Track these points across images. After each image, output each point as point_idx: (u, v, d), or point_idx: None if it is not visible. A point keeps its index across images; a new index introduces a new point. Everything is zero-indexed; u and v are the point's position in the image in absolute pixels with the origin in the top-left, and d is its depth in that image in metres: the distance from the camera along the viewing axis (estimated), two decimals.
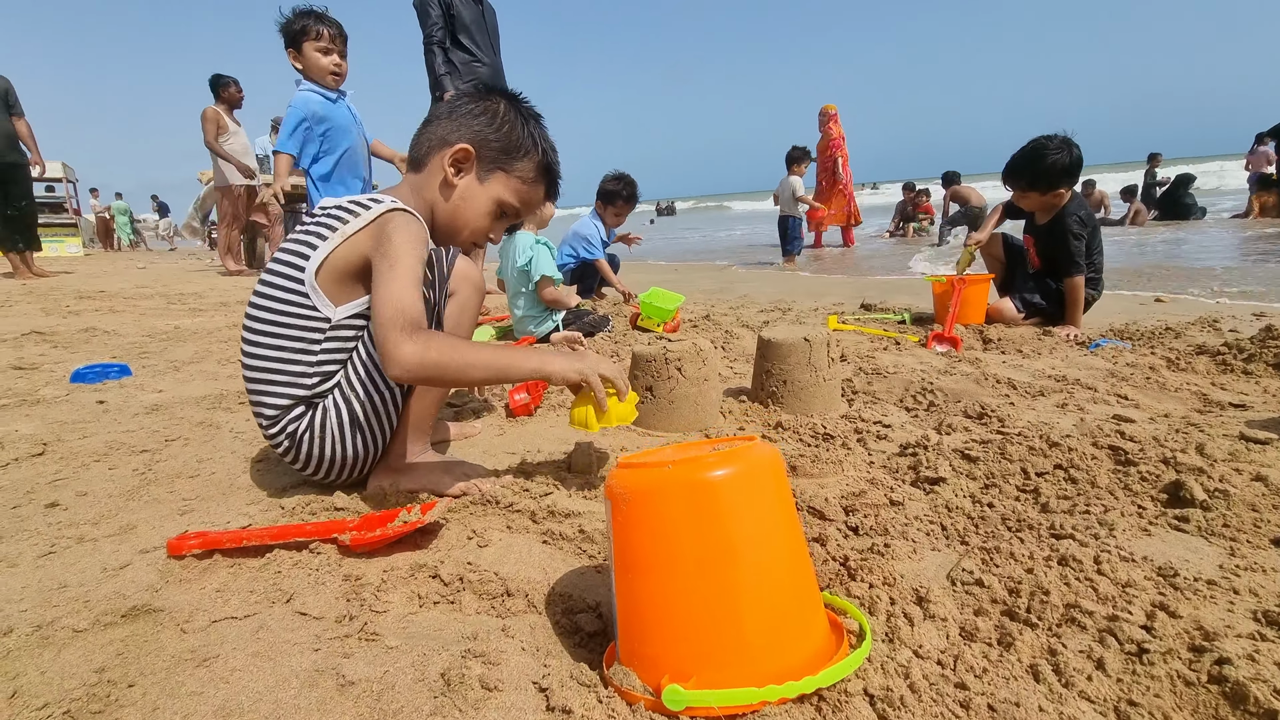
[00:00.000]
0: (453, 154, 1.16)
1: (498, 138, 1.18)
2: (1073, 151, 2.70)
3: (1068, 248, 2.74)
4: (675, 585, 0.67)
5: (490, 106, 1.19)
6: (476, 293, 1.31)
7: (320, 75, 2.86)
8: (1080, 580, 0.86)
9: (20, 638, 0.79)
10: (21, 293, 5.11)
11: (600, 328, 2.87)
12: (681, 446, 0.84)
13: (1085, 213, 2.81)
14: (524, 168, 1.21)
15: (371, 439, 1.17)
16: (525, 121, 1.21)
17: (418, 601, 0.88)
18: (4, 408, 1.84)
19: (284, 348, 1.12)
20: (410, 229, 1.09)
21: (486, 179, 1.20)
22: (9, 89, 5.83)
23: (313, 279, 1.10)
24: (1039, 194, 2.79)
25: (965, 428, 1.55)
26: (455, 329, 1.26)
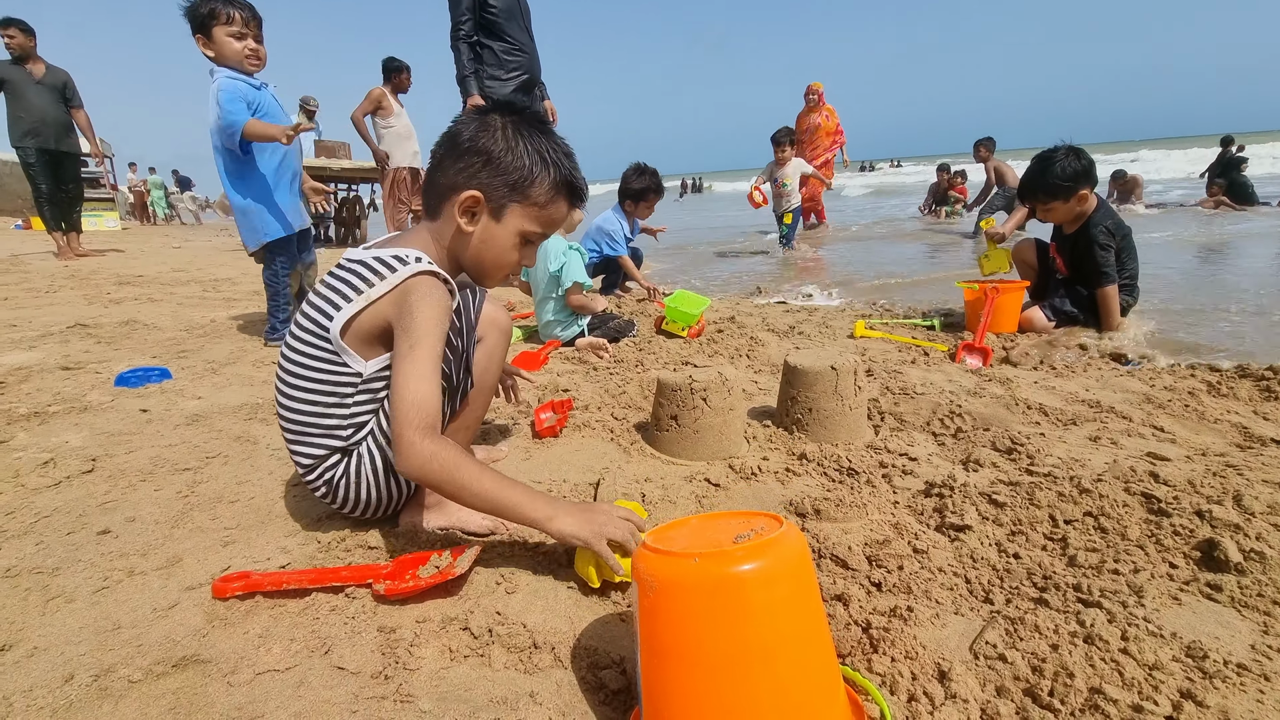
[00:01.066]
0: (461, 204, 1.15)
1: (503, 172, 1.14)
2: (1080, 155, 2.69)
3: (1094, 258, 2.71)
4: (698, 676, 0.69)
5: (489, 140, 1.14)
6: (504, 337, 1.31)
7: (236, 61, 2.65)
8: (1105, 661, 0.85)
9: (81, 687, 0.84)
10: (65, 275, 5.27)
11: (625, 333, 2.87)
12: (707, 521, 0.85)
13: (1113, 222, 2.76)
14: (538, 193, 1.18)
15: (405, 481, 1.20)
16: (528, 140, 1.16)
17: (449, 656, 0.91)
18: (55, 415, 1.92)
19: (317, 402, 1.15)
20: (433, 300, 1.08)
21: (503, 216, 1.18)
22: (68, 82, 6.10)
23: (339, 339, 1.12)
24: (1062, 203, 2.76)
25: (993, 463, 1.53)
26: (483, 375, 1.26)
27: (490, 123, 1.15)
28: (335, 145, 8.63)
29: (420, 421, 1.00)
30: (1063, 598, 1.02)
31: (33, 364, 2.49)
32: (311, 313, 1.15)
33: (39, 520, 1.30)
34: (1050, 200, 2.77)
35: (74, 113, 6.19)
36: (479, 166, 1.14)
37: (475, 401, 1.28)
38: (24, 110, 5.86)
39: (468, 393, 1.25)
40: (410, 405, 1.00)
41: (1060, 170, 2.69)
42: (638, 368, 2.43)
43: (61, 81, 6.06)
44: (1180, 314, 3.18)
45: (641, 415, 1.90)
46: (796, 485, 1.46)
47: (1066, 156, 2.71)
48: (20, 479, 1.49)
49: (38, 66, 5.91)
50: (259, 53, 2.73)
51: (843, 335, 3.09)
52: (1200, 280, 4.18)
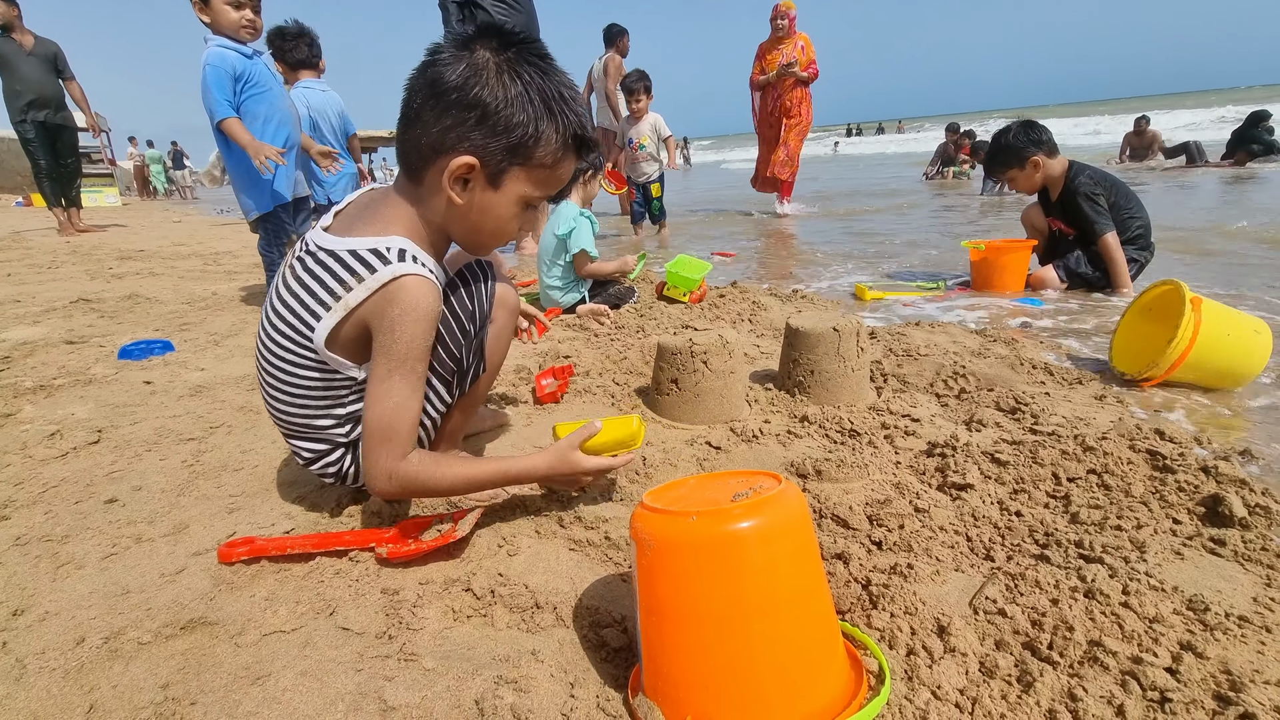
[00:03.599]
0: (453, 172, 0.96)
1: (502, 132, 0.94)
2: (1031, 128, 2.92)
3: (1084, 210, 2.75)
4: (696, 634, 0.69)
5: (482, 89, 0.93)
6: (512, 316, 1.25)
7: (232, 30, 2.60)
8: (1106, 615, 0.85)
9: (92, 649, 0.86)
10: (67, 251, 5.27)
11: (626, 300, 2.85)
12: (705, 481, 0.84)
13: (1090, 173, 2.83)
14: (544, 154, 0.99)
15: None
16: (529, 84, 0.94)
17: (452, 616, 0.92)
18: (60, 388, 1.93)
19: (311, 406, 1.09)
20: (419, 312, 0.97)
21: (501, 183, 0.99)
22: (58, 53, 6.00)
23: (325, 350, 1.02)
24: (1018, 170, 2.94)
25: (996, 423, 1.52)
26: (492, 355, 1.23)
27: (479, 62, 0.94)
28: None
29: (391, 451, 0.98)
30: (1064, 554, 1.02)
31: (37, 339, 2.49)
32: (286, 315, 1.03)
33: (47, 490, 1.32)
34: (1005, 169, 2.99)
35: (67, 84, 6.10)
36: (471, 124, 0.94)
37: (482, 382, 1.25)
38: (19, 83, 5.77)
39: (479, 376, 1.22)
40: (381, 431, 0.98)
41: (1011, 140, 2.93)
42: (639, 333, 2.42)
43: (52, 53, 5.96)
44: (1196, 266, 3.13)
45: (642, 380, 1.89)
46: (798, 447, 1.45)
47: (1017, 129, 2.95)
48: (28, 450, 1.50)
49: (26, 38, 5.80)
50: (255, 24, 2.68)
51: (846, 298, 3.06)
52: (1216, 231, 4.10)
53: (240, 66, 2.64)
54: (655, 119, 5.41)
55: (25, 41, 5.79)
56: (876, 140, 31.00)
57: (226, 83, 2.60)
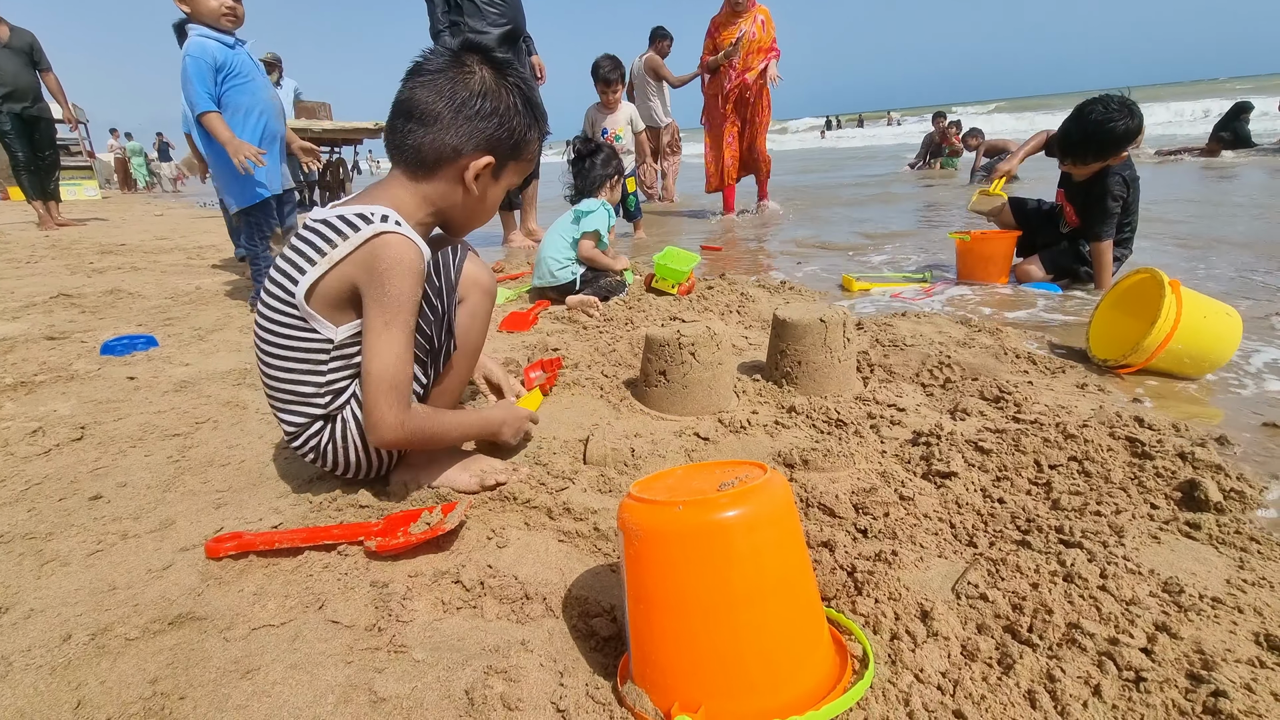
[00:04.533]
0: (478, 170, 1.13)
1: (508, 134, 1.15)
2: (1134, 114, 2.54)
3: (1103, 207, 2.63)
4: (683, 622, 0.70)
5: (494, 101, 1.12)
6: (487, 297, 1.23)
7: (212, 18, 2.53)
8: (1084, 598, 0.87)
9: (79, 645, 0.86)
10: (46, 245, 5.18)
11: (616, 292, 2.85)
12: (692, 471, 0.85)
13: (1130, 173, 2.67)
14: (529, 150, 1.21)
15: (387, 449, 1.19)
16: (516, 92, 1.15)
17: (441, 608, 0.93)
18: (41, 384, 1.91)
19: (294, 369, 1.13)
20: (404, 267, 1.05)
21: (501, 174, 1.20)
22: (34, 44, 5.89)
23: (305, 305, 1.08)
24: (1104, 162, 2.63)
25: (981, 411, 1.54)
26: (466, 336, 1.20)
27: (485, 78, 1.12)
28: (316, 105, 8.39)
29: (396, 397, 1.05)
30: (1045, 539, 1.04)
31: (17, 335, 2.46)
32: (279, 278, 1.10)
33: (30, 487, 1.31)
34: (1099, 160, 2.62)
35: (44, 76, 6.00)
36: (491, 130, 1.13)
37: (459, 365, 1.24)
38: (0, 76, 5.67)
39: (450, 355, 1.21)
40: (385, 381, 1.04)
41: (1123, 132, 2.54)
42: (627, 325, 2.42)
43: (28, 44, 5.85)
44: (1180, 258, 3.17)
45: (631, 373, 1.90)
46: (785, 437, 1.47)
47: (1123, 115, 2.52)
48: (9, 448, 1.48)
49: (1, 29, 5.69)
50: (236, 11, 2.62)
51: (834, 289, 3.08)
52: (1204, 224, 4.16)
53: (221, 57, 2.58)
54: (631, 110, 5.24)
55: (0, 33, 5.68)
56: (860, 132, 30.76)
57: (207, 74, 2.55)
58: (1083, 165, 2.69)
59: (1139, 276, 1.83)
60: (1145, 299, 1.80)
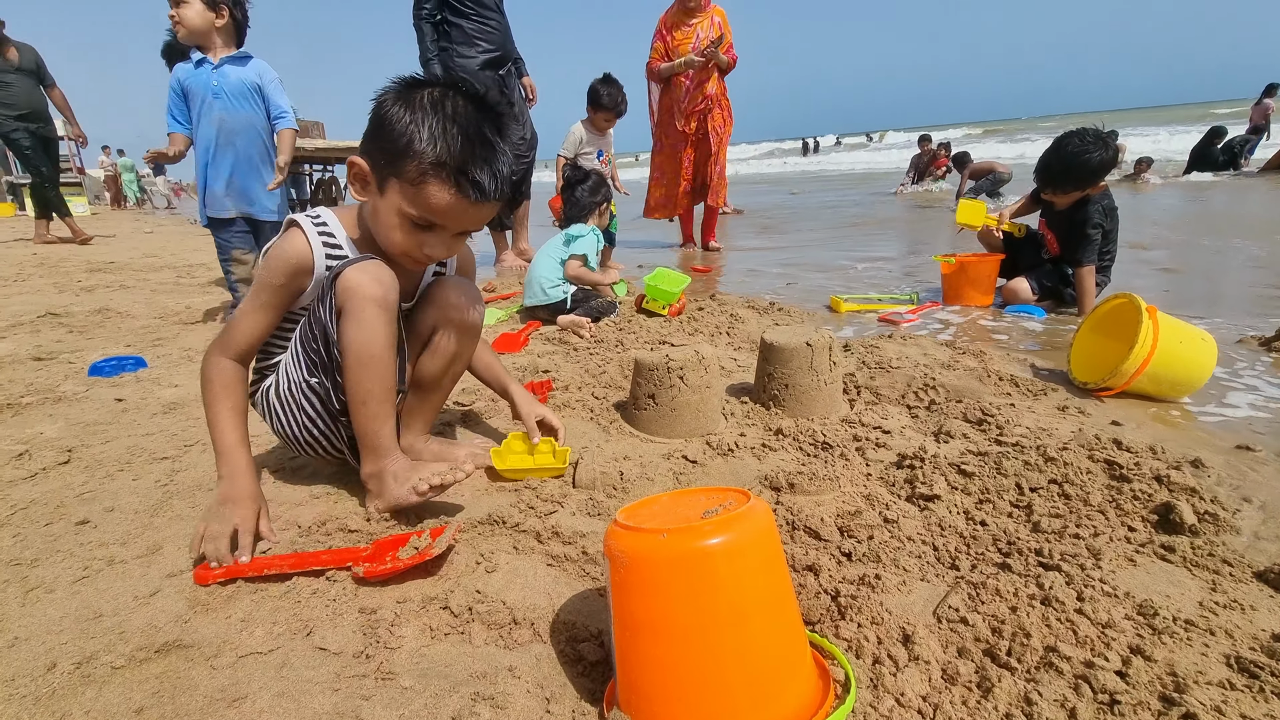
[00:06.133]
0: (349, 167, 1.17)
1: (384, 140, 1.09)
2: (1109, 146, 2.65)
3: (1085, 234, 2.72)
4: (667, 647, 0.71)
5: (389, 106, 1.09)
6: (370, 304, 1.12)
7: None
8: (1061, 621, 0.89)
9: (64, 675, 0.85)
10: (34, 264, 5.15)
11: (607, 313, 2.87)
12: (678, 498, 0.87)
13: (1109, 202, 2.78)
14: (409, 168, 1.08)
15: (291, 419, 1.29)
16: (418, 112, 1.07)
17: (429, 634, 0.93)
18: (28, 406, 1.90)
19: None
20: (278, 254, 1.19)
21: (384, 189, 1.13)
22: (39, 60, 5.90)
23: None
24: (1081, 192, 2.74)
25: (964, 434, 1.57)
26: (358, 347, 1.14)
27: (408, 93, 1.10)
28: (309, 125, 8.42)
29: (220, 341, 1.21)
30: (1024, 562, 1.06)
31: (3, 355, 2.45)
32: None
33: (15, 512, 1.30)
34: (1077, 189, 2.73)
35: (50, 92, 6.00)
36: (370, 133, 1.13)
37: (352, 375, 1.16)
38: (9, 99, 5.67)
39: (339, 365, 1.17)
40: (225, 329, 1.22)
41: (1099, 163, 2.65)
42: (618, 347, 2.44)
43: (35, 62, 5.86)
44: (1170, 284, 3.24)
45: (621, 394, 1.91)
46: (772, 460, 1.49)
47: (1098, 147, 2.64)
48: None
49: (10, 51, 5.70)
50: (175, 17, 2.65)
51: (822, 310, 3.12)
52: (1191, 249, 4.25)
53: (183, 78, 2.75)
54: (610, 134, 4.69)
55: (11, 56, 5.68)
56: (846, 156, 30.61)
57: (173, 97, 2.78)
58: (1063, 195, 2.79)
59: (1118, 301, 1.88)
60: (1124, 323, 1.84)
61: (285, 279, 1.19)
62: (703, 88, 4.72)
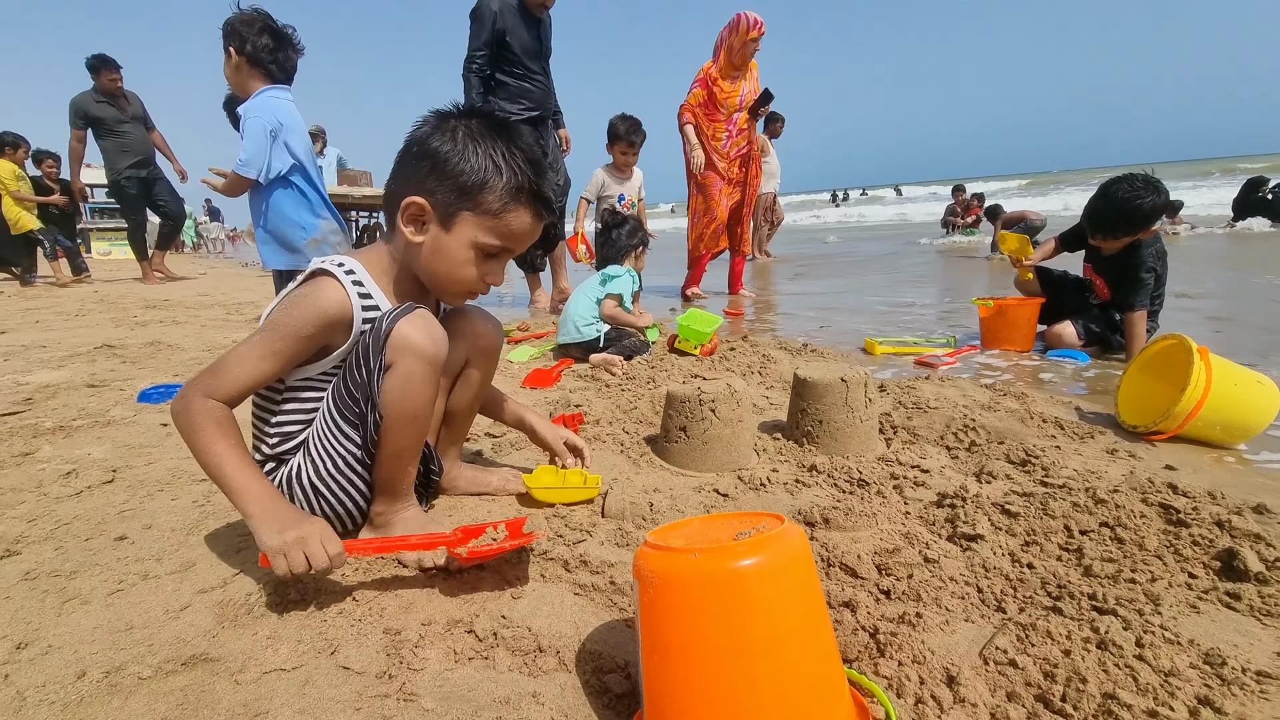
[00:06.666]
0: (405, 211, 1.10)
1: (452, 176, 1.07)
2: (1159, 189, 2.62)
3: (1137, 278, 2.66)
4: (698, 674, 0.68)
5: (439, 142, 1.08)
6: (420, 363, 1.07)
7: None
8: (1119, 667, 0.83)
9: (92, 683, 0.86)
10: (94, 300, 5.43)
11: (639, 352, 2.89)
12: (709, 521, 0.85)
13: (1160, 246, 2.72)
14: (489, 199, 1.09)
15: (337, 502, 1.17)
16: (479, 143, 1.08)
17: (453, 658, 0.91)
18: (79, 429, 1.97)
19: (258, 404, 1.19)
20: (309, 299, 1.07)
21: (452, 225, 1.10)
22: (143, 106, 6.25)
23: None
24: (1132, 238, 2.71)
25: (1007, 475, 1.51)
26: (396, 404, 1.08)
27: (446, 125, 1.09)
28: (357, 174, 8.84)
29: (202, 383, 1.04)
30: (1077, 606, 1.00)
31: (60, 382, 2.56)
32: None
33: (59, 527, 1.33)
34: (1129, 235, 2.69)
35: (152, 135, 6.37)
36: (426, 171, 1.08)
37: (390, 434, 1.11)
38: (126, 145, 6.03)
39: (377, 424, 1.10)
40: (210, 369, 1.05)
41: (1150, 209, 2.61)
42: (649, 384, 2.44)
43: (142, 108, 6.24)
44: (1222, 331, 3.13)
45: (652, 429, 1.90)
46: (806, 495, 1.45)
47: (1149, 193, 2.60)
48: (43, 488, 1.52)
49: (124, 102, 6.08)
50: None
51: (856, 352, 3.09)
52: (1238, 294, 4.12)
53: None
54: (639, 176, 4.63)
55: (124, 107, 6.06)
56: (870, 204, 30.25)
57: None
58: (1114, 240, 2.75)
59: (1167, 342, 1.82)
60: (1174, 365, 1.77)
61: (315, 330, 1.07)
62: (745, 133, 4.83)
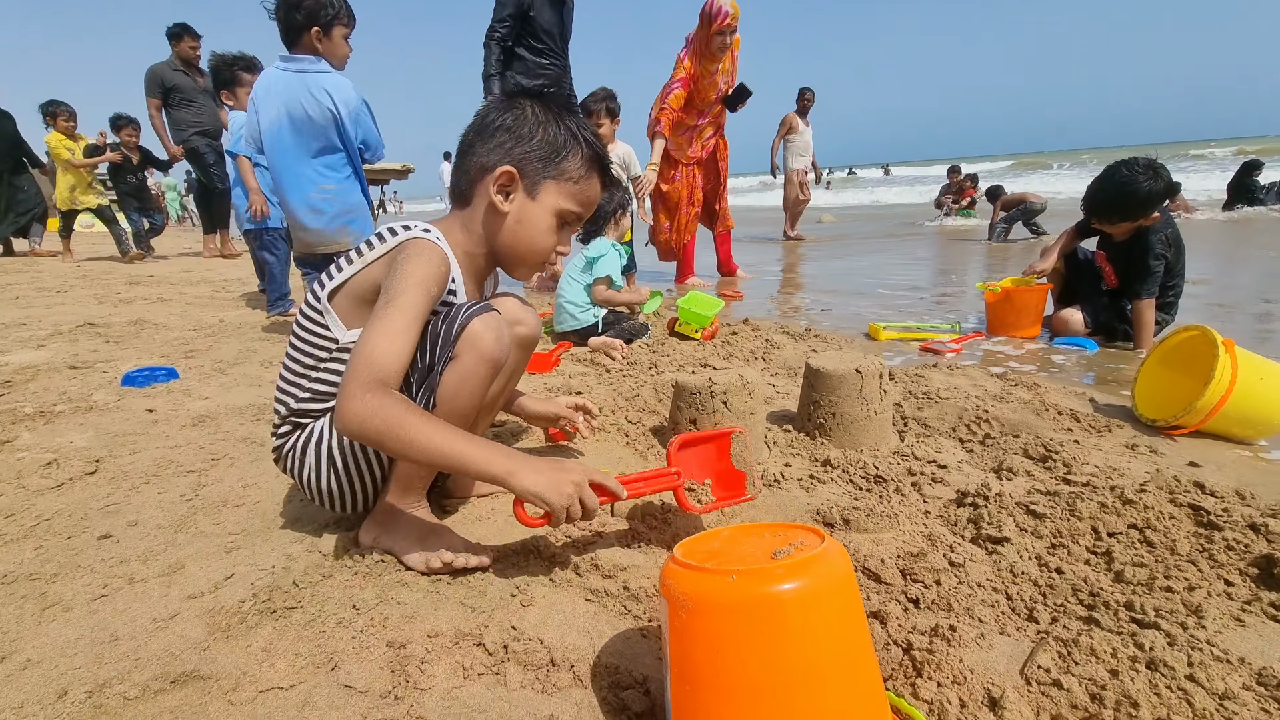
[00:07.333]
0: (496, 180, 1.13)
1: (536, 147, 1.14)
2: (1161, 175, 2.53)
3: (1145, 265, 2.57)
4: (734, 704, 0.63)
5: (519, 116, 1.15)
6: (483, 363, 1.07)
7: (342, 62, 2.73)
8: (1171, 689, 0.79)
9: (74, 704, 0.80)
10: (76, 275, 5.29)
11: (639, 335, 2.82)
12: (740, 533, 0.79)
13: (1172, 231, 2.62)
14: (571, 167, 1.16)
15: (347, 477, 1.13)
16: (559, 118, 1.16)
17: (462, 674, 0.86)
18: (60, 415, 1.89)
19: (296, 359, 1.15)
20: (423, 259, 1.05)
21: (537, 193, 1.15)
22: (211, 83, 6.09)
23: (326, 300, 1.11)
24: (1133, 223, 2.62)
25: (1027, 471, 1.47)
26: (451, 399, 1.06)
27: (517, 104, 1.16)
28: None
29: (369, 375, 0.94)
30: (1114, 617, 0.95)
31: (40, 363, 2.46)
32: (317, 285, 1.15)
33: (39, 523, 1.26)
34: (1125, 222, 2.62)
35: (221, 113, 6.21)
36: (511, 143, 1.13)
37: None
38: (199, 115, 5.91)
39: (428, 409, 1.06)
40: (364, 361, 0.95)
41: (1147, 194, 2.53)
42: (651, 370, 2.38)
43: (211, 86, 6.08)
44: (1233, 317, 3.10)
45: (656, 419, 1.84)
46: (822, 493, 1.40)
47: (1148, 177, 2.52)
48: (22, 480, 1.45)
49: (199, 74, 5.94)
50: None
51: (860, 337, 3.03)
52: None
53: None
54: (625, 151, 4.19)
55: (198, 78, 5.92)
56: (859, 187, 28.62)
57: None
58: (1110, 225, 2.68)
59: (1188, 334, 1.77)
60: (1195, 357, 1.73)
61: (438, 290, 1.06)
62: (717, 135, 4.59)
